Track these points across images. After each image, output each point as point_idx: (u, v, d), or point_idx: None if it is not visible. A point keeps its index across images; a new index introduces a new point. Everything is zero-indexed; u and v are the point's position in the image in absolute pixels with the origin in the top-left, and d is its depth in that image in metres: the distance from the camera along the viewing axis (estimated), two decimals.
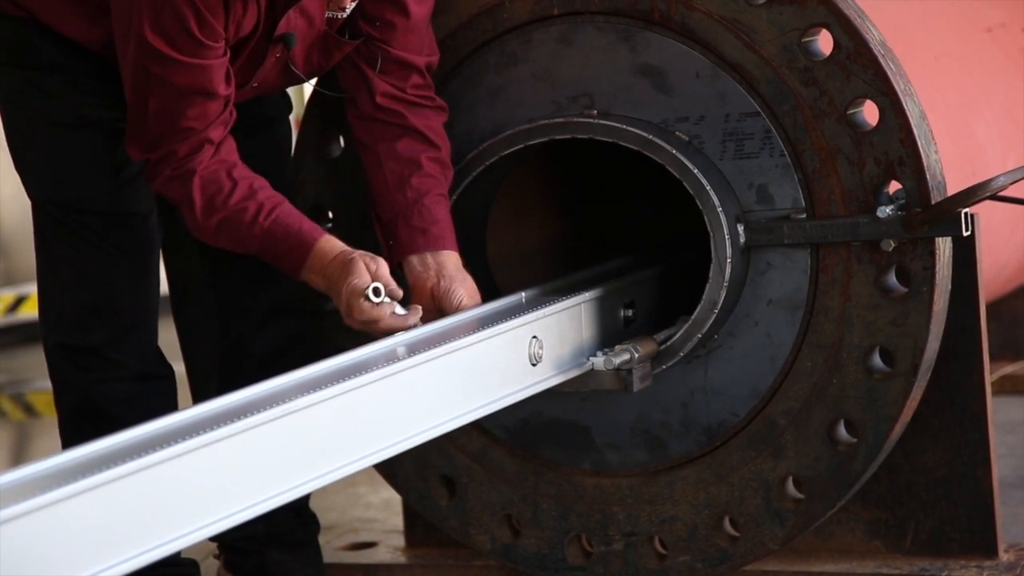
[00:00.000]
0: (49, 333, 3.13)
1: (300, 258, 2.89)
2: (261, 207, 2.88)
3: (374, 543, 3.72)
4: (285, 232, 2.88)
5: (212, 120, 2.87)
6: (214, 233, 2.91)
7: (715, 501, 3.18)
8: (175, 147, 2.87)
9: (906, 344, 3.01)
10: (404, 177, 3.09)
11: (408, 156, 3.10)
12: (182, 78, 2.83)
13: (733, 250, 3.05)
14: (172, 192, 2.91)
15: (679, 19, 3.10)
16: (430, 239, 3.06)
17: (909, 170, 2.97)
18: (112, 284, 3.08)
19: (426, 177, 3.10)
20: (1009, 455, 4.25)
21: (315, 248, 2.88)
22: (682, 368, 3.16)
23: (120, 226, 3.07)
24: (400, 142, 3.10)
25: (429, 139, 3.12)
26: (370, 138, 3.13)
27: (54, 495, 1.95)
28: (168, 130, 2.86)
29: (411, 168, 3.09)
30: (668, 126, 3.12)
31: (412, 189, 3.08)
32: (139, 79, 2.85)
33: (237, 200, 2.88)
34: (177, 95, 2.84)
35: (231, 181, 2.89)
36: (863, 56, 2.98)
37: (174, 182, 2.89)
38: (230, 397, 2.35)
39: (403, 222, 3.08)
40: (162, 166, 2.89)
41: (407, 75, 3.12)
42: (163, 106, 2.85)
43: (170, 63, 2.81)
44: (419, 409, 2.61)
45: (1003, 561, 3.21)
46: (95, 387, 3.08)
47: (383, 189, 3.11)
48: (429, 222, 3.07)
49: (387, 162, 3.11)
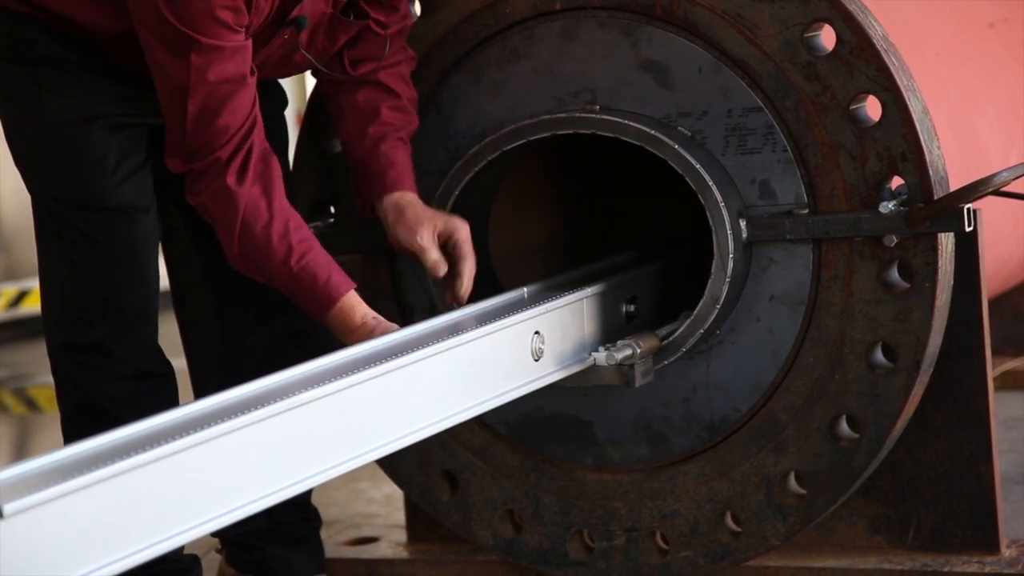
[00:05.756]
0: (52, 332, 3.13)
1: (322, 310, 2.91)
2: (291, 250, 2.88)
3: (376, 538, 3.72)
4: (312, 281, 2.89)
5: (248, 113, 2.85)
6: (243, 261, 2.92)
7: (717, 497, 3.18)
8: (219, 153, 2.85)
9: (908, 340, 3.01)
10: (363, 126, 3.16)
11: (367, 107, 3.16)
12: (219, 66, 2.80)
13: (735, 245, 3.05)
14: (216, 210, 2.90)
15: (682, 14, 3.10)
16: (386, 183, 3.13)
17: (911, 165, 2.97)
18: (113, 280, 3.07)
19: (383, 125, 3.16)
20: (1011, 451, 4.25)
21: (336, 307, 2.90)
22: (684, 364, 3.16)
23: (120, 221, 3.06)
24: (359, 93, 3.17)
25: (389, 87, 3.18)
26: (332, 91, 3.20)
27: (56, 490, 1.95)
28: (210, 130, 2.83)
29: (370, 117, 3.16)
30: (671, 121, 3.12)
31: (369, 138, 3.15)
32: (176, 77, 2.81)
33: (272, 237, 2.87)
34: (215, 87, 2.80)
35: (269, 214, 2.88)
36: (866, 51, 2.97)
37: (219, 202, 2.88)
38: (231, 392, 2.35)
39: (363, 170, 3.16)
40: (207, 177, 2.87)
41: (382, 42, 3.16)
42: (203, 103, 2.81)
43: (208, 51, 2.78)
44: (421, 404, 2.61)
45: (1005, 557, 3.21)
46: (97, 386, 3.07)
47: (346, 140, 3.20)
48: (387, 166, 3.14)
49: (348, 113, 3.18)
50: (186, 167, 2.89)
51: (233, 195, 2.86)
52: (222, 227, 2.90)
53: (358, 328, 2.88)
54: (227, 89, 2.82)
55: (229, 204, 2.87)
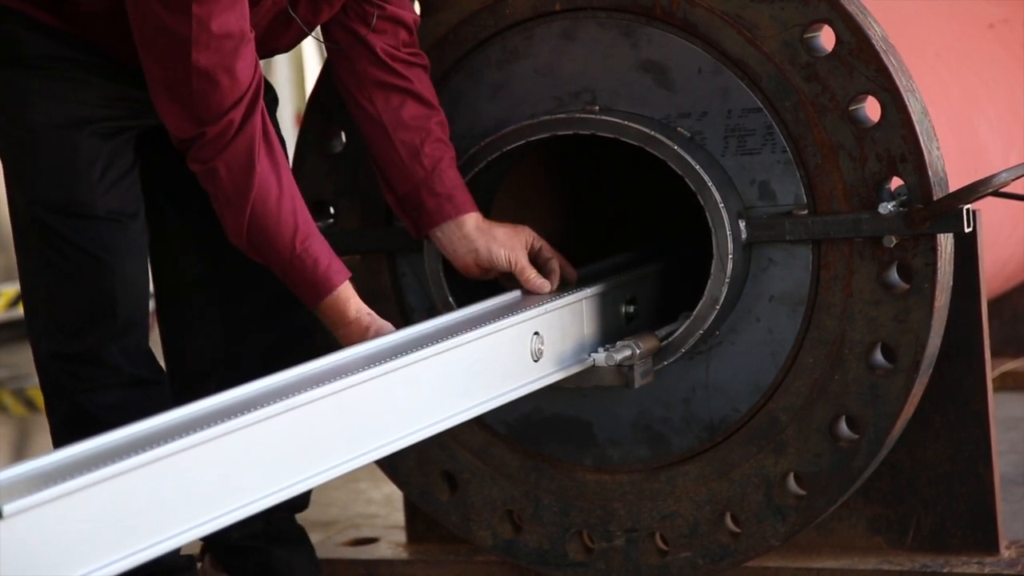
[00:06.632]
0: (39, 341, 3.07)
1: (317, 296, 2.88)
2: (297, 230, 2.85)
3: (375, 539, 3.72)
4: (314, 264, 2.85)
5: (254, 72, 2.80)
6: (248, 236, 2.86)
7: (717, 497, 3.18)
8: (231, 115, 2.78)
9: (908, 340, 3.01)
10: (417, 146, 3.09)
11: (416, 124, 3.10)
12: (221, 17, 2.73)
13: (735, 246, 3.05)
14: (229, 176, 2.81)
15: (681, 15, 3.10)
16: (457, 204, 3.08)
17: (911, 166, 2.97)
18: (102, 287, 3.01)
19: (437, 143, 3.11)
20: (1010, 451, 4.25)
21: (332, 296, 2.87)
22: (684, 364, 3.16)
23: (109, 228, 3.00)
24: (404, 110, 3.10)
25: (430, 103, 3.13)
26: (373, 108, 3.12)
27: (56, 491, 1.95)
28: (219, 90, 2.76)
29: (422, 135, 3.10)
30: (670, 122, 3.12)
31: (428, 157, 3.09)
32: (179, 31, 2.73)
33: (282, 211, 2.84)
34: (220, 40, 2.74)
35: (279, 188, 2.84)
36: (865, 52, 2.97)
37: (234, 169, 2.80)
38: (231, 393, 2.35)
39: (427, 192, 3.08)
40: (219, 142, 2.79)
41: (398, 33, 3.12)
42: (208, 57, 2.74)
43: (209, 1, 2.71)
44: (421, 405, 2.61)
45: (1004, 558, 3.21)
46: (87, 395, 3.02)
47: (396, 161, 3.11)
48: (452, 187, 3.09)
49: (396, 132, 3.10)
50: (197, 130, 2.80)
51: (252, 162, 2.80)
52: (232, 197, 2.83)
53: (351, 323, 2.86)
54: (231, 44, 2.76)
55: (246, 172, 2.81)
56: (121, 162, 3.01)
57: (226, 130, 2.80)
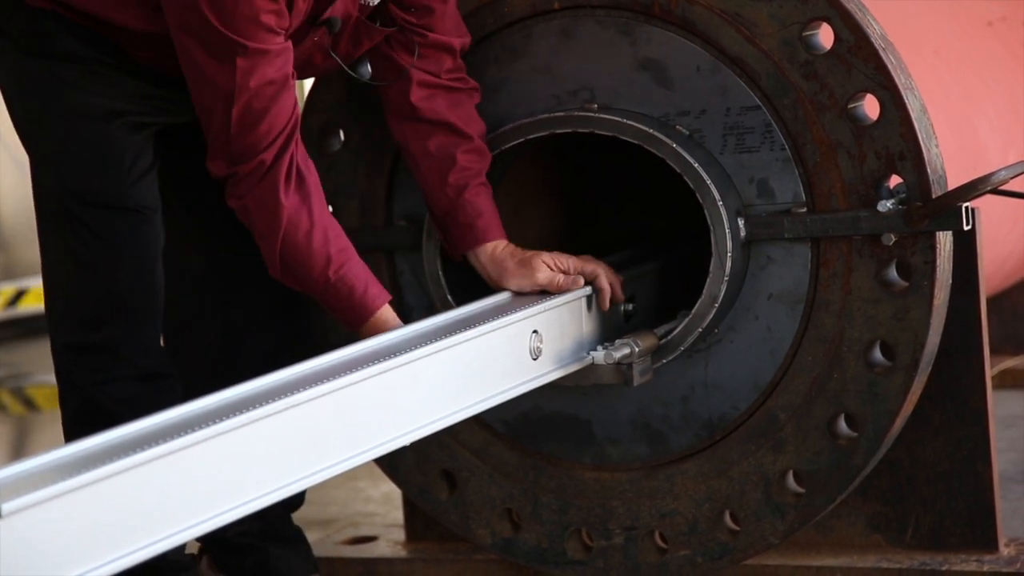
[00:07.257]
0: (56, 331, 3.10)
1: (357, 321, 2.93)
2: (330, 260, 2.89)
3: (374, 537, 3.72)
4: (349, 292, 2.91)
5: (290, 115, 2.85)
6: (282, 268, 2.92)
7: (715, 495, 3.18)
8: (263, 156, 2.84)
9: (907, 338, 3.01)
10: (442, 175, 3.12)
11: (442, 154, 3.12)
12: (264, 69, 2.79)
13: (733, 244, 3.05)
14: (259, 214, 2.89)
15: (680, 13, 3.10)
16: (477, 233, 3.11)
17: (910, 164, 2.97)
18: (122, 279, 3.05)
19: (461, 171, 3.12)
20: (1009, 449, 4.25)
21: (372, 320, 2.92)
22: (682, 362, 3.16)
23: (134, 221, 3.04)
24: (431, 140, 3.12)
25: (460, 131, 3.13)
26: (404, 140, 3.16)
27: (55, 489, 1.95)
28: (254, 133, 2.83)
29: (446, 165, 3.12)
30: (669, 120, 3.12)
31: (451, 187, 3.11)
32: (221, 82, 2.80)
33: (312, 244, 2.88)
34: (259, 89, 2.80)
35: (310, 221, 2.88)
36: (864, 50, 2.97)
37: (263, 207, 2.87)
38: (231, 391, 2.35)
39: (452, 221, 3.13)
40: (250, 180, 2.87)
41: (442, 59, 3.13)
42: (247, 106, 2.81)
43: (254, 55, 2.78)
44: (420, 403, 2.61)
45: (1003, 555, 3.21)
46: (100, 388, 3.05)
47: (427, 189, 3.16)
48: (473, 216, 3.11)
49: (423, 162, 3.14)
50: (230, 170, 2.88)
51: (279, 200, 2.86)
52: (264, 232, 2.90)
53: None
54: (271, 91, 2.82)
55: (273, 209, 2.87)
56: (145, 157, 3.05)
57: (257, 168, 2.86)
